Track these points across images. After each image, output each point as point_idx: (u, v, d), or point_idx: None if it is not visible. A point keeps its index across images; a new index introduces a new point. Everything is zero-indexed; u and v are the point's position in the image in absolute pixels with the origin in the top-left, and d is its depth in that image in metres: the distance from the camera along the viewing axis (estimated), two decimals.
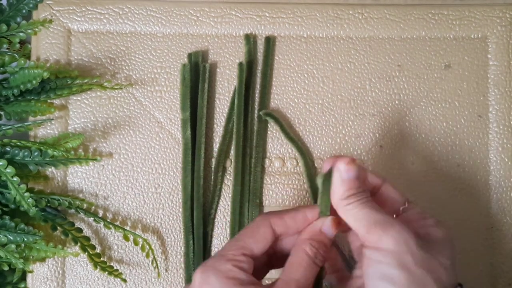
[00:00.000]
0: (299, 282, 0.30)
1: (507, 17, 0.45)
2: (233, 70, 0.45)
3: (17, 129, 0.43)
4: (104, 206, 0.44)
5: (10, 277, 0.43)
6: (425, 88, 0.45)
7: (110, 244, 0.44)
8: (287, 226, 0.32)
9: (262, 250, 0.31)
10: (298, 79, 0.45)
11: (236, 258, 0.30)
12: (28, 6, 0.44)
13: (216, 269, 0.29)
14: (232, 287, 0.29)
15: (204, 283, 0.29)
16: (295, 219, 0.32)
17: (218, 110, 0.45)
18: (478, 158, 0.45)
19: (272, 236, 0.31)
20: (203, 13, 0.45)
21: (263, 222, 0.32)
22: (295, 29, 0.45)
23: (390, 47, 0.45)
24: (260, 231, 0.31)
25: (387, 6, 0.45)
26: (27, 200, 0.39)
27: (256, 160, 0.44)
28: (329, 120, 0.45)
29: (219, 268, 0.29)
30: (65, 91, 0.42)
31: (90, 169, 0.44)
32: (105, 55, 0.45)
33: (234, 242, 0.31)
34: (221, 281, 0.29)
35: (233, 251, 0.30)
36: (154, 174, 0.44)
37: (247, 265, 0.30)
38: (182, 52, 0.45)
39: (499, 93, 0.45)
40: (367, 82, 0.45)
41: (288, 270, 0.30)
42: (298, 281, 0.30)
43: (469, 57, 0.45)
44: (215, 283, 0.29)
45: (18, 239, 0.39)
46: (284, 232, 0.32)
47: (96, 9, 0.45)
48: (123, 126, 0.45)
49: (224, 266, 0.29)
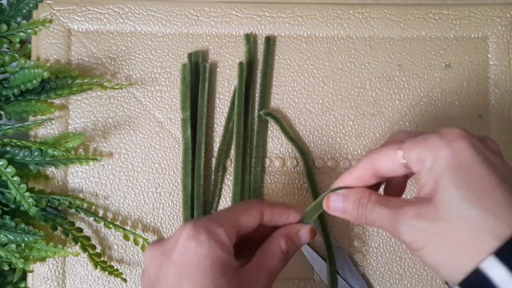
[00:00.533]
0: (269, 270, 0.31)
1: (507, 16, 0.45)
2: (233, 70, 0.45)
3: (17, 129, 0.43)
4: (105, 206, 0.44)
5: (10, 277, 0.43)
6: (425, 87, 0.45)
7: (110, 244, 0.44)
8: (273, 217, 0.33)
9: (248, 229, 0.32)
10: (298, 79, 0.45)
11: (227, 227, 0.30)
12: (28, 6, 0.44)
13: (208, 229, 0.29)
14: (219, 250, 0.29)
15: (193, 237, 0.29)
16: (281, 214, 0.33)
17: (218, 109, 0.45)
18: None
19: (259, 220, 0.32)
20: (203, 13, 0.45)
21: (256, 205, 0.33)
22: (295, 29, 0.45)
23: (390, 46, 0.45)
24: (253, 213, 0.32)
25: (387, 5, 0.45)
26: (27, 200, 0.39)
27: (256, 159, 0.44)
28: (329, 120, 0.45)
29: (211, 229, 0.29)
30: (65, 91, 0.42)
31: (90, 168, 0.44)
32: (105, 55, 0.45)
33: (228, 213, 0.32)
34: (210, 241, 0.29)
35: (227, 220, 0.31)
36: (154, 174, 0.44)
37: (233, 236, 0.31)
38: (182, 52, 0.45)
39: (499, 92, 0.45)
40: (367, 82, 0.45)
41: (262, 256, 0.32)
42: (269, 269, 0.31)
43: (469, 56, 0.45)
44: (204, 241, 0.29)
45: (18, 238, 0.39)
46: (267, 222, 0.33)
47: (96, 9, 0.45)
48: (123, 126, 0.45)
49: (216, 229, 0.30)
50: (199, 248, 0.29)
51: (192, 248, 0.29)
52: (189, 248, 0.29)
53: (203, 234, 0.29)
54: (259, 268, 0.31)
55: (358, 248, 0.44)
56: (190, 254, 0.29)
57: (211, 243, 0.29)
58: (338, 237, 0.44)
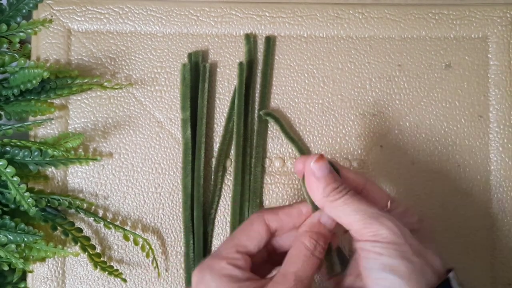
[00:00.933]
0: (296, 275, 0.29)
1: (508, 16, 0.45)
2: (233, 70, 0.45)
3: (17, 129, 0.42)
4: (104, 206, 0.44)
5: (10, 277, 0.43)
6: (426, 88, 0.45)
7: (110, 244, 0.44)
8: (282, 222, 0.32)
9: (258, 246, 0.31)
10: (298, 79, 0.45)
11: (230, 256, 0.30)
12: (28, 6, 0.44)
13: (210, 267, 0.30)
14: (226, 284, 0.29)
15: (200, 282, 0.29)
16: (290, 214, 0.32)
17: (218, 110, 0.45)
18: (478, 158, 0.45)
19: (266, 232, 0.32)
20: (203, 13, 0.45)
21: (256, 219, 0.32)
22: (295, 29, 0.45)
23: (390, 46, 0.45)
24: (254, 228, 0.32)
25: (387, 5, 0.45)
26: (27, 200, 0.39)
27: (256, 160, 0.44)
28: (329, 120, 0.45)
29: (213, 267, 0.30)
30: (65, 91, 0.42)
31: (90, 169, 0.44)
32: (105, 55, 0.45)
33: (229, 241, 0.31)
34: (216, 279, 0.29)
35: (227, 249, 0.31)
36: (154, 174, 0.44)
37: (242, 262, 0.30)
38: (182, 52, 0.45)
39: (499, 93, 0.45)
40: (367, 82, 0.45)
41: (287, 263, 0.30)
42: (296, 273, 0.29)
43: (469, 57, 0.45)
44: (210, 282, 0.29)
45: (18, 239, 0.39)
46: (279, 228, 0.32)
47: (96, 9, 0.45)
48: (123, 126, 0.45)
49: (218, 265, 0.30)
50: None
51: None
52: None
53: (207, 276, 0.29)
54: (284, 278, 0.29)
55: None
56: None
57: (216, 281, 0.29)
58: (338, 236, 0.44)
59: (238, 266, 0.30)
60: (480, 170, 0.44)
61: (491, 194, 0.44)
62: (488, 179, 0.44)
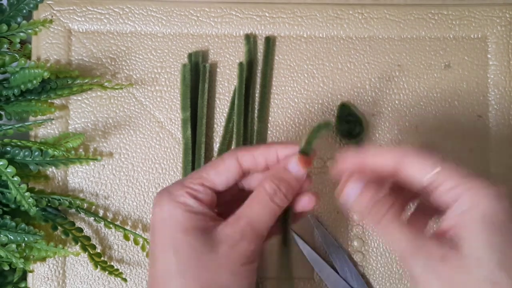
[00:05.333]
0: (251, 219, 0.28)
1: (507, 17, 0.45)
2: (233, 70, 0.45)
3: (17, 129, 0.43)
4: (105, 206, 0.44)
5: (10, 277, 0.43)
6: (425, 88, 0.45)
7: (110, 244, 0.44)
8: (256, 162, 0.30)
9: (226, 183, 0.30)
10: (298, 79, 0.45)
11: (192, 186, 0.30)
12: (28, 6, 0.44)
13: (169, 192, 0.30)
14: (179, 212, 0.29)
15: (157, 204, 0.30)
16: (266, 155, 0.30)
17: (218, 110, 0.45)
18: (478, 158, 0.45)
19: (237, 170, 0.30)
20: (203, 13, 0.45)
21: (229, 155, 0.30)
22: (295, 29, 0.45)
23: (390, 47, 0.45)
24: (225, 163, 0.30)
25: (387, 6, 0.45)
26: (27, 200, 0.39)
27: None
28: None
29: (172, 192, 0.30)
30: (65, 91, 0.42)
31: (90, 168, 0.44)
32: (106, 55, 0.45)
33: (196, 172, 0.31)
34: (170, 204, 0.29)
35: (192, 180, 0.30)
36: (154, 174, 0.44)
37: (203, 195, 0.30)
38: (182, 52, 0.45)
39: (499, 93, 0.45)
40: (367, 82, 0.45)
41: (245, 205, 0.29)
42: (250, 218, 0.28)
43: (469, 57, 0.45)
44: (165, 205, 0.29)
45: (18, 238, 0.39)
46: (253, 168, 0.30)
47: (96, 9, 0.45)
48: (123, 126, 0.45)
49: (177, 191, 0.30)
50: (161, 212, 0.29)
51: (156, 213, 0.30)
52: (154, 214, 0.30)
53: (164, 198, 0.29)
54: (237, 220, 0.28)
55: (358, 248, 0.44)
56: (154, 219, 0.30)
57: (170, 205, 0.29)
58: (338, 237, 0.44)
59: (197, 198, 0.29)
60: (480, 170, 0.45)
61: None
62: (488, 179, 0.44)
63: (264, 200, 0.29)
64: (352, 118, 0.44)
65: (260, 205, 0.29)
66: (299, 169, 0.30)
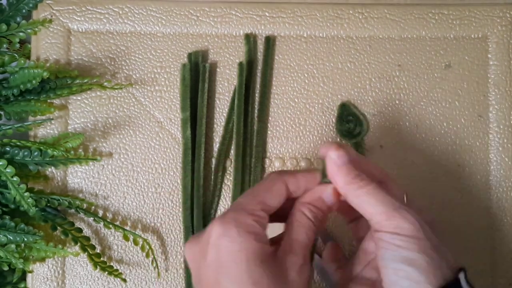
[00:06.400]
0: (301, 243, 0.30)
1: (507, 16, 0.45)
2: (233, 70, 0.45)
3: (17, 129, 0.42)
4: (104, 206, 0.44)
5: (10, 277, 0.43)
6: (425, 88, 0.45)
7: (110, 244, 0.44)
8: (299, 185, 0.32)
9: (277, 206, 0.31)
10: (298, 79, 0.45)
11: (256, 213, 0.29)
12: (28, 6, 0.44)
13: (238, 221, 0.28)
14: (252, 241, 0.28)
15: (224, 235, 0.28)
16: (308, 179, 0.32)
17: (218, 110, 0.45)
18: (478, 158, 0.45)
19: (286, 193, 0.31)
20: (203, 13, 0.45)
21: (278, 178, 0.31)
22: (295, 29, 0.45)
23: (390, 46, 0.45)
24: (276, 187, 0.31)
25: (387, 5, 0.45)
26: (27, 200, 0.39)
27: (256, 160, 0.44)
28: (329, 120, 0.45)
29: (240, 221, 0.28)
30: (65, 91, 0.42)
31: (90, 169, 0.44)
32: (105, 55, 0.45)
33: (252, 197, 0.30)
34: (242, 235, 0.28)
35: (253, 206, 0.30)
36: (154, 174, 0.44)
37: (265, 221, 0.30)
38: (182, 52, 0.45)
39: (499, 92, 0.45)
40: (367, 82, 0.45)
41: (290, 231, 0.31)
42: (301, 241, 0.30)
43: (469, 56, 0.45)
44: (236, 237, 0.28)
45: (18, 239, 0.39)
46: (295, 190, 0.32)
47: (96, 9, 0.45)
48: (123, 126, 0.45)
49: (246, 220, 0.29)
50: (231, 244, 0.28)
51: (224, 245, 0.28)
52: (222, 246, 0.28)
53: (233, 230, 0.28)
54: (291, 246, 0.30)
55: None
56: (224, 252, 0.28)
57: (243, 237, 0.28)
58: (338, 237, 0.44)
59: (262, 224, 0.29)
60: (480, 170, 0.44)
61: (490, 194, 0.44)
62: (488, 179, 0.44)
63: (308, 224, 0.31)
64: (352, 118, 0.44)
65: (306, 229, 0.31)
66: (333, 199, 0.32)
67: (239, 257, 0.28)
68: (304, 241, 0.30)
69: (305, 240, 0.30)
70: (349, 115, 0.44)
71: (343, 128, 0.44)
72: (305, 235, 0.30)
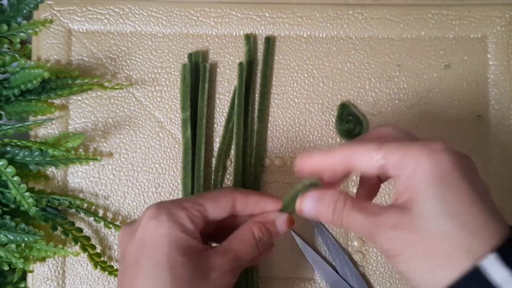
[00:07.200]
0: (237, 254, 0.31)
1: (507, 17, 0.45)
2: (233, 70, 0.45)
3: (17, 129, 0.43)
4: (105, 206, 0.44)
5: (10, 277, 0.43)
6: (425, 88, 0.45)
7: (110, 244, 0.44)
8: (246, 208, 0.33)
9: (217, 217, 0.32)
10: (298, 79, 0.45)
11: (192, 211, 0.31)
12: (29, 6, 0.44)
13: (170, 211, 0.30)
14: (178, 231, 0.29)
15: (154, 218, 0.30)
16: (257, 204, 0.33)
17: (218, 110, 0.45)
18: (478, 158, 0.45)
19: (231, 211, 0.32)
20: (203, 13, 0.45)
21: (228, 194, 0.32)
22: (295, 29, 0.45)
23: (390, 47, 0.45)
24: (223, 201, 0.32)
25: (387, 6, 0.45)
26: (27, 200, 0.39)
27: (256, 159, 0.44)
28: (329, 120, 0.45)
29: (172, 211, 0.30)
30: (65, 91, 0.42)
31: (90, 168, 0.44)
32: (106, 55, 0.45)
33: (194, 199, 0.32)
34: (170, 223, 0.30)
35: (191, 204, 0.31)
36: (154, 174, 0.44)
37: (199, 222, 0.31)
38: (182, 52, 0.45)
39: (498, 93, 0.45)
40: (367, 82, 0.45)
41: (232, 240, 0.32)
42: (237, 252, 0.31)
43: (468, 57, 0.45)
44: (163, 222, 0.30)
45: (18, 238, 0.39)
46: (241, 211, 0.33)
47: (96, 9, 0.45)
48: (123, 126, 0.45)
49: (178, 212, 0.30)
50: (158, 227, 0.29)
51: (151, 227, 0.30)
52: (149, 228, 0.30)
53: (163, 215, 0.30)
54: (226, 252, 0.31)
55: (358, 248, 0.44)
56: (149, 233, 0.30)
57: (170, 223, 0.30)
58: (338, 237, 0.44)
59: (194, 222, 0.30)
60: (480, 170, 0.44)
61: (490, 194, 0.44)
62: (488, 179, 0.44)
63: (251, 241, 0.32)
64: (352, 118, 0.44)
65: (246, 244, 0.31)
66: (284, 228, 0.33)
67: (163, 240, 0.29)
68: (239, 254, 0.31)
69: (241, 254, 0.31)
70: (349, 115, 0.44)
71: (343, 128, 0.44)
72: (244, 249, 0.31)
